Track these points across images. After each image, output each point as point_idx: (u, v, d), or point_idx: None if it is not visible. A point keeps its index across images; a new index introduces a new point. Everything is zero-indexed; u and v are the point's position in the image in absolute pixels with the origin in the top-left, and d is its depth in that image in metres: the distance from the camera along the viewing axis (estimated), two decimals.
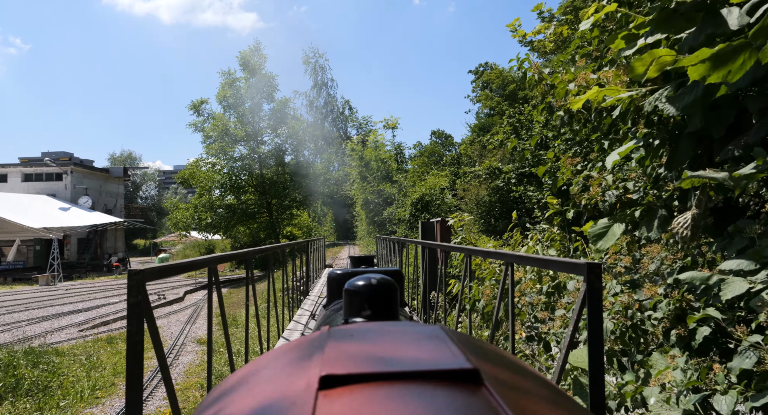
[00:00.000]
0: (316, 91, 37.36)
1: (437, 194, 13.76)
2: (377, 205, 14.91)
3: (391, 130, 17.20)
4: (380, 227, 14.84)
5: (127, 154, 73.66)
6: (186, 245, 41.46)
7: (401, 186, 14.98)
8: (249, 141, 26.27)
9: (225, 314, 2.35)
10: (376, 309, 1.07)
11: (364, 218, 16.20)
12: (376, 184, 16.04)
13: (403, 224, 13.55)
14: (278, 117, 27.42)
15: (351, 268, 2.54)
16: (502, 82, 36.14)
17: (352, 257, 3.02)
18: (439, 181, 14.00)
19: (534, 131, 13.62)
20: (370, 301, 1.08)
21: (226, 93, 26.07)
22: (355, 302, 1.10)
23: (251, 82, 26.33)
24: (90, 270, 32.76)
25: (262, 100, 26.84)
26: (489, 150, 20.00)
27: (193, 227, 24.84)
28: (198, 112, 25.87)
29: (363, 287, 1.09)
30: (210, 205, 24.79)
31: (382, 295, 1.08)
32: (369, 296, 1.08)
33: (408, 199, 13.80)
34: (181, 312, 15.75)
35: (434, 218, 14.04)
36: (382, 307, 1.08)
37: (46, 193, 35.69)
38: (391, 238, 8.34)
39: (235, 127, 26.29)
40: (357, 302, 1.09)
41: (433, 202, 13.67)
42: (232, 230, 27.48)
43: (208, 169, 25.95)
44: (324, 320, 1.81)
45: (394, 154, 17.38)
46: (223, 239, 35.60)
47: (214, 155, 24.90)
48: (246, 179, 27.16)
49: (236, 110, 26.38)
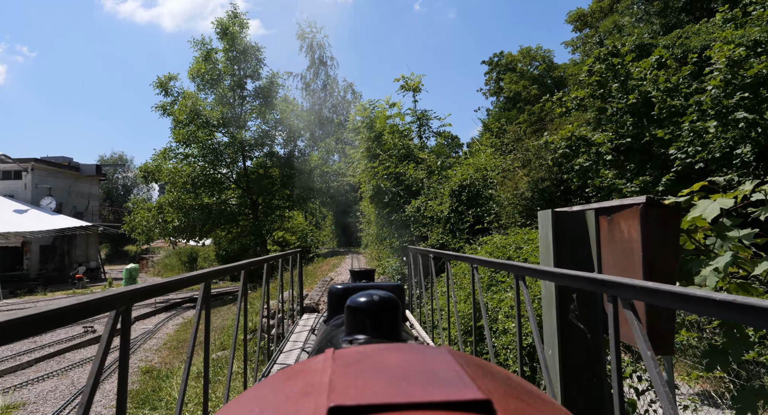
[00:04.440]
0: (313, 71, 32.18)
1: (488, 180, 8.89)
2: (395, 197, 10.05)
3: (412, 93, 12.11)
4: (400, 229, 9.95)
5: (118, 155, 69.66)
6: (169, 252, 36.69)
7: (435, 168, 10.10)
8: (229, 127, 21.37)
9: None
10: (378, 327, 1.06)
11: (373, 217, 11.32)
12: (394, 164, 10.95)
13: (438, 226, 8.62)
14: (265, 97, 22.52)
15: (351, 282, 2.49)
16: (529, 62, 31.28)
17: (352, 271, 2.85)
18: (490, 160, 9.07)
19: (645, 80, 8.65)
20: (372, 318, 1.07)
21: (200, 68, 21.21)
22: (358, 319, 1.08)
23: (232, 56, 21.47)
24: (48, 283, 27.90)
25: (246, 78, 21.99)
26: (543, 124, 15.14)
27: (160, 233, 19.83)
28: (166, 92, 20.96)
29: (365, 304, 1.08)
30: (179, 204, 19.79)
31: (384, 312, 1.07)
32: (372, 314, 1.07)
33: (446, 186, 8.95)
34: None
35: (472, 212, 9.00)
36: (384, 324, 1.07)
37: (3, 194, 30.91)
38: (464, 255, 3.55)
39: (212, 108, 21.43)
40: (359, 320, 1.08)
41: (483, 192, 8.78)
42: (210, 235, 22.55)
43: (178, 161, 21.01)
44: (325, 336, 1.73)
45: (417, 126, 12.55)
46: (204, 245, 30.65)
47: (183, 142, 19.96)
48: (225, 173, 22.27)
49: (215, 90, 21.55)
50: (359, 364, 0.52)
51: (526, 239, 6.21)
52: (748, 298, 0.81)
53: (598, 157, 9.47)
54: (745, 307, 0.80)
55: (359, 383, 0.45)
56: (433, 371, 0.49)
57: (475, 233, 8.59)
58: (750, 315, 0.80)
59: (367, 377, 0.47)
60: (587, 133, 9.34)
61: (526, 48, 31.59)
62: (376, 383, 0.45)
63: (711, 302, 0.88)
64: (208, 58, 21.30)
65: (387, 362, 0.53)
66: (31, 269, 30.79)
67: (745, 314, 0.81)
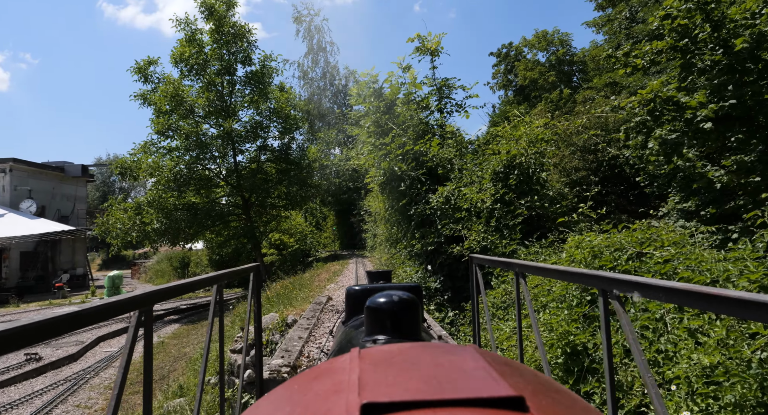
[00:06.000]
0: (312, 58, 29.43)
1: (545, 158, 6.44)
2: (414, 184, 7.62)
3: (430, 57, 9.45)
4: (422, 227, 7.30)
5: (113, 157, 67.91)
6: (162, 257, 34.38)
7: (468, 145, 7.60)
8: (218, 117, 19.02)
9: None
10: (399, 327, 1.05)
11: (383, 213, 8.71)
12: (412, 141, 7.98)
13: (478, 222, 6.07)
14: (258, 84, 20.20)
15: (368, 284, 2.38)
16: (546, 45, 28.83)
17: (369, 272, 2.74)
18: (538, 131, 6.56)
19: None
20: (393, 319, 1.05)
21: (184, 51, 18.86)
22: (378, 319, 1.07)
23: (219, 38, 19.14)
24: (25, 292, 25.62)
25: (236, 63, 19.65)
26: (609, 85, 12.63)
27: (138, 236, 17.41)
28: (146, 78, 18.59)
29: (385, 304, 1.06)
30: (160, 204, 17.40)
31: (405, 312, 1.05)
32: (392, 314, 1.05)
33: (486, 166, 6.51)
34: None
35: (526, 201, 6.50)
36: (405, 325, 1.05)
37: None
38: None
39: (198, 95, 19.09)
40: (379, 320, 1.07)
41: (537, 174, 6.33)
42: (198, 238, 20.19)
43: (159, 155, 18.65)
44: (344, 338, 1.67)
45: (437, 99, 9.41)
46: (191, 250, 28.40)
47: (162, 133, 17.58)
48: (214, 169, 19.92)
49: (201, 77, 19.22)
50: (387, 362, 0.51)
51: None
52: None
53: (689, 127, 7.01)
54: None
55: (389, 380, 0.45)
56: (462, 368, 0.49)
57: (529, 231, 6.18)
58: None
59: (396, 374, 0.46)
60: (677, 94, 6.89)
61: (542, 31, 29.16)
62: (406, 381, 0.44)
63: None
64: (193, 40, 18.95)
65: (415, 360, 0.53)
66: (10, 277, 28.57)
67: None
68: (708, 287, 0.90)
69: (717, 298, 0.86)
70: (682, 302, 0.96)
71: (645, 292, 1.09)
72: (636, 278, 1.15)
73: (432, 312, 6.57)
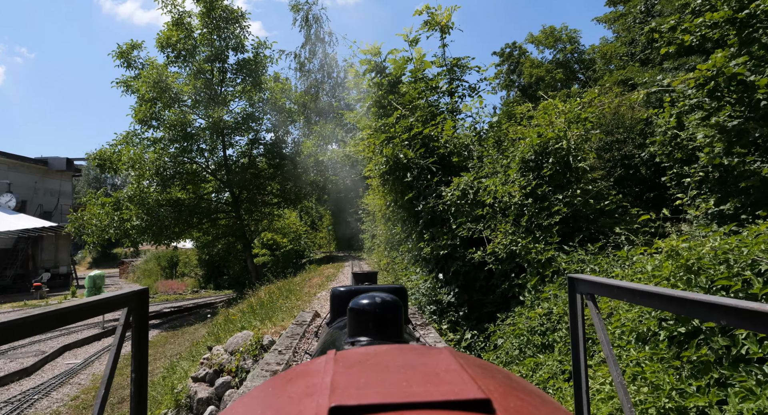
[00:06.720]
0: (309, 49, 28.09)
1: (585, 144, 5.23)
2: (423, 174, 6.34)
3: (439, 34, 8.21)
4: (432, 225, 6.00)
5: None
6: (150, 256, 32.95)
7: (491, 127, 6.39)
8: (206, 106, 17.70)
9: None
10: (381, 329, 1.04)
11: (384, 209, 7.44)
12: (420, 122, 6.76)
13: (505, 221, 4.73)
14: (251, 72, 18.91)
15: (354, 285, 2.36)
16: (554, 42, 27.71)
17: (354, 273, 2.68)
18: (579, 110, 5.33)
19: None
20: (375, 320, 1.04)
21: (171, 35, 17.53)
22: (360, 321, 1.06)
23: (210, 22, 17.85)
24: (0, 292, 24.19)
25: (227, 49, 18.35)
26: None
27: (116, 234, 16.02)
28: (128, 64, 17.22)
29: (368, 306, 1.05)
30: (140, 199, 16.04)
31: (387, 314, 1.05)
32: (374, 316, 1.04)
33: (513, 153, 5.26)
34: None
35: (564, 195, 5.14)
36: (387, 327, 1.05)
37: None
38: None
39: (185, 82, 17.77)
40: (362, 322, 1.05)
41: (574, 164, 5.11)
42: (185, 237, 18.83)
43: (142, 147, 17.31)
44: (327, 339, 1.66)
45: (446, 80, 8.16)
46: (182, 249, 27.08)
47: (143, 122, 16.24)
48: (202, 163, 18.62)
49: (189, 64, 17.91)
50: (361, 365, 0.51)
51: None
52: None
53: (756, 112, 5.81)
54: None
55: (361, 383, 0.45)
56: (434, 371, 0.49)
57: (566, 233, 4.94)
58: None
59: (368, 377, 0.47)
60: (743, 70, 5.68)
61: (550, 27, 28.04)
62: (377, 384, 0.45)
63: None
64: (181, 24, 17.62)
65: (388, 362, 0.53)
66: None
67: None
68: None
69: None
70: None
71: None
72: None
73: (445, 332, 5.32)
